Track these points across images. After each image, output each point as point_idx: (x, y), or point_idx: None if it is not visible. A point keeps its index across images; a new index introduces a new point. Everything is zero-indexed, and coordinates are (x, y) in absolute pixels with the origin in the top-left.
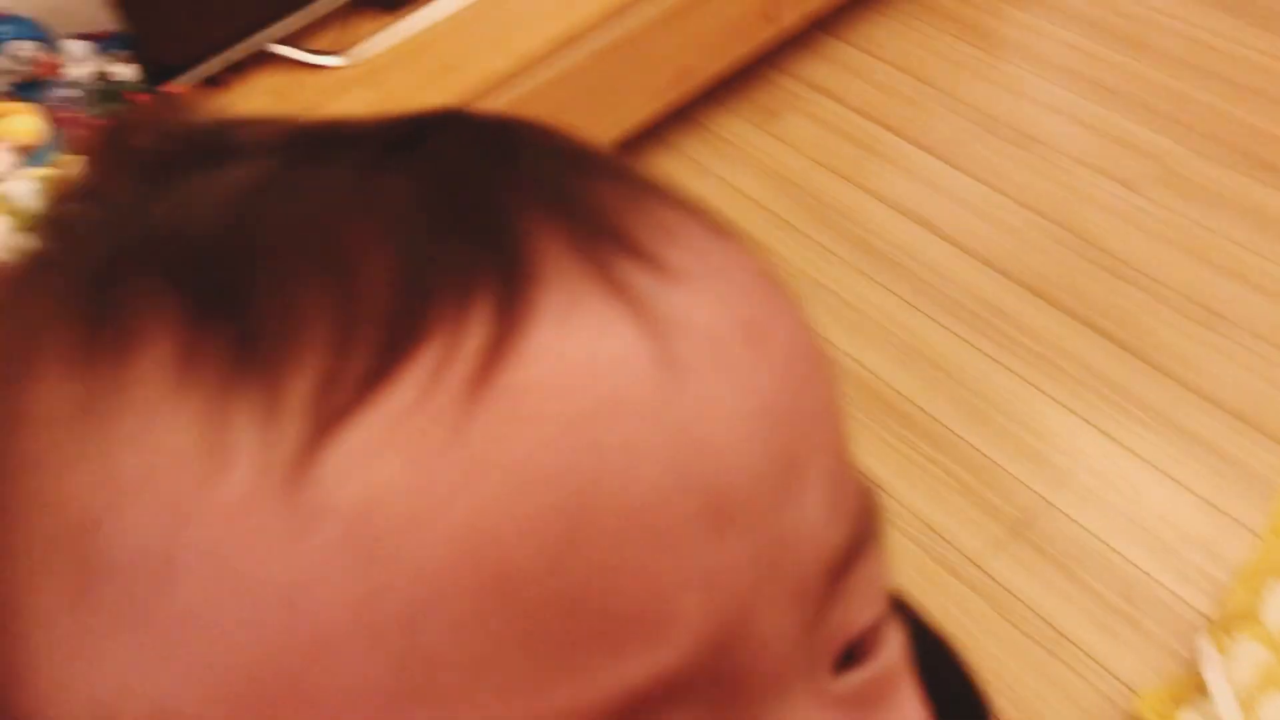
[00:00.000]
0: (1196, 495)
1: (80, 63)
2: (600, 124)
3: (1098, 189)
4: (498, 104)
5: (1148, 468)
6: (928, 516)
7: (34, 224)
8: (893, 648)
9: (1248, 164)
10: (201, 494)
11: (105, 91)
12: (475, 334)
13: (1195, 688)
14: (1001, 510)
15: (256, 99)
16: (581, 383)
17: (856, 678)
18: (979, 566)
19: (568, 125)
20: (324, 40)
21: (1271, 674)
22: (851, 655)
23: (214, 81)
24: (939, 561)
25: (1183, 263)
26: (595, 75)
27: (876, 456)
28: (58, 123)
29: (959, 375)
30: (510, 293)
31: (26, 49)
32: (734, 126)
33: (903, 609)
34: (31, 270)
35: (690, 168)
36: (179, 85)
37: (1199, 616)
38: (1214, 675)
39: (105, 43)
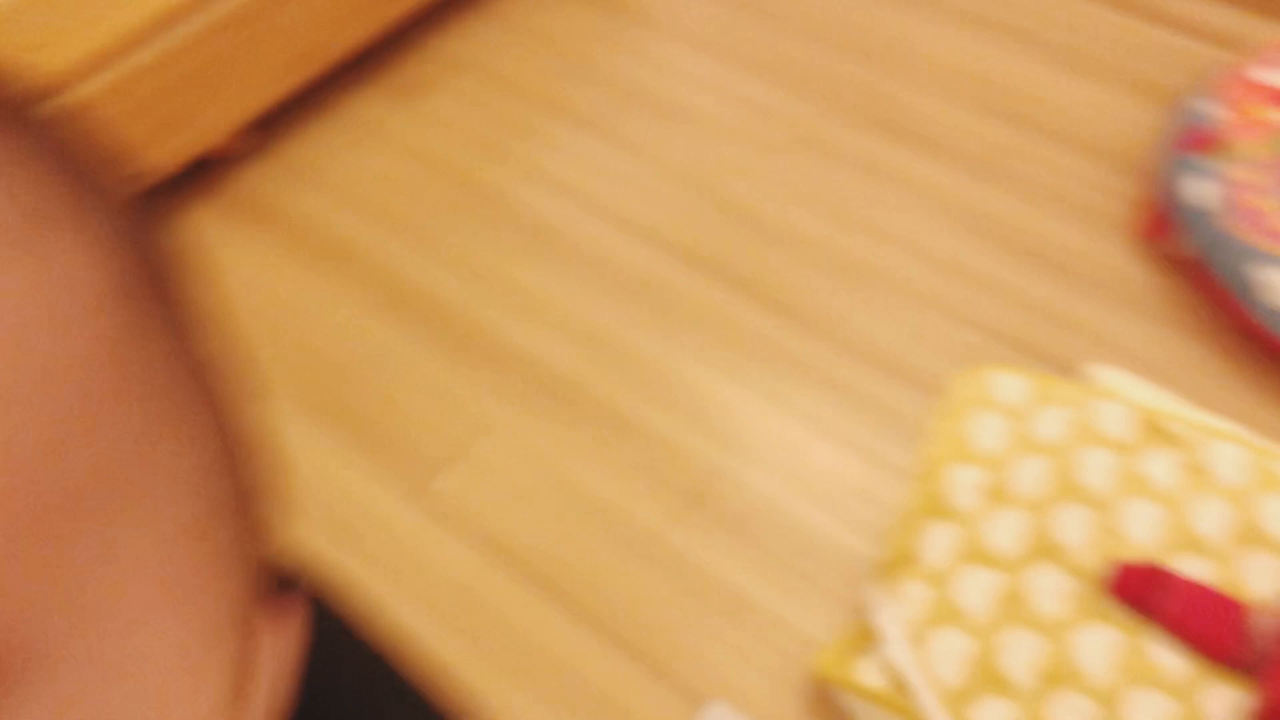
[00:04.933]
0: (854, 445)
1: None
2: (215, 109)
3: (741, 157)
4: (91, 89)
5: (807, 423)
6: (606, 497)
7: None
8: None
9: (879, 128)
10: None
11: None
12: None
13: (871, 635)
14: (676, 482)
15: None
16: None
17: None
18: (659, 540)
19: (174, 111)
20: None
21: (936, 610)
22: None
23: None
24: (619, 540)
25: (824, 223)
26: (204, 55)
27: (549, 440)
28: None
29: (622, 351)
30: None
31: None
32: (371, 108)
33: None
34: None
35: (326, 153)
36: None
37: (870, 565)
38: (882, 619)
39: None
